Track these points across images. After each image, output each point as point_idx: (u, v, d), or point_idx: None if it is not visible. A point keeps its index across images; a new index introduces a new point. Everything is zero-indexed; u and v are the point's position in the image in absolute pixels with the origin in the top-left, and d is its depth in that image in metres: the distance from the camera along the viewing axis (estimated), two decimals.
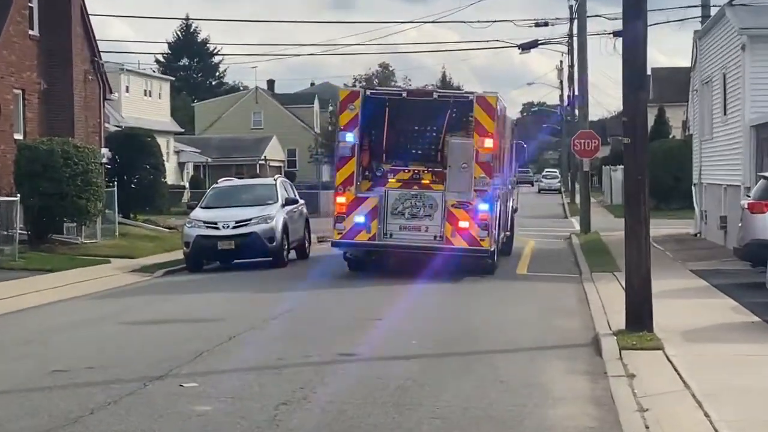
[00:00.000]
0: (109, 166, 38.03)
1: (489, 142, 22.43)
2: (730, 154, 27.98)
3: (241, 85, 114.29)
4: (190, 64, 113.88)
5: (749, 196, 20.83)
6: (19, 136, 32.31)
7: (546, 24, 51.16)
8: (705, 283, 20.05)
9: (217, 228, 25.86)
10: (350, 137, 22.71)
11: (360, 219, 22.52)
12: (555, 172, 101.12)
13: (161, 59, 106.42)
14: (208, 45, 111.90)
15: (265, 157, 77.04)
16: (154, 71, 75.23)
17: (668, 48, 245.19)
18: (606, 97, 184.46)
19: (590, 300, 18.28)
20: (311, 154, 71.78)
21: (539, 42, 48.04)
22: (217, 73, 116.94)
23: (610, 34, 41.90)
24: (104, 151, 36.27)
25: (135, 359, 12.76)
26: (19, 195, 28.66)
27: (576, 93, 51.27)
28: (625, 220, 14.00)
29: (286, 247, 26.65)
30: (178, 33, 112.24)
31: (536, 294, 20.18)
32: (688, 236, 33.69)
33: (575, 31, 46.26)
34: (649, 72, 79.06)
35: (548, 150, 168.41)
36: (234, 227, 25.85)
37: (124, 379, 11.45)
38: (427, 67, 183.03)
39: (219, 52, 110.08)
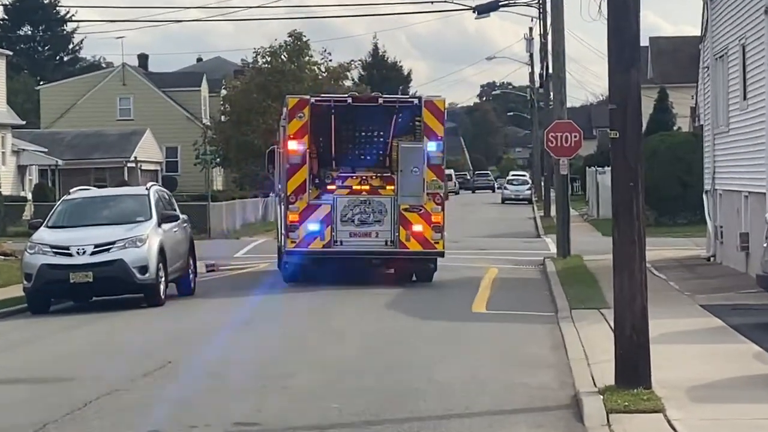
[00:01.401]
0: None
1: (439, 146, 28.51)
2: (751, 151, 28.29)
3: (104, 62, 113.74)
4: (33, 34, 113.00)
5: None
6: None
7: None
8: (720, 322, 20.24)
9: (70, 255, 25.67)
10: (300, 145, 28.37)
11: (314, 227, 28.27)
12: (524, 176, 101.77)
13: None
14: (57, 8, 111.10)
15: (135, 157, 76.65)
16: None
17: (671, 12, 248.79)
18: (590, 76, 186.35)
19: (569, 346, 18.36)
20: (198, 154, 71.42)
21: (501, 3, 48.48)
22: (71, 46, 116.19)
23: None
24: None
25: None
26: None
27: (550, 71, 51.70)
28: (614, 240, 14.09)
29: (163, 279, 26.49)
30: None
31: (498, 339, 20.22)
32: (699, 260, 34.03)
33: None
34: (645, 43, 79.89)
35: (515, 147, 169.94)
36: (92, 253, 25.66)
37: None
38: (354, 37, 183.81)
39: (73, 18, 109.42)
